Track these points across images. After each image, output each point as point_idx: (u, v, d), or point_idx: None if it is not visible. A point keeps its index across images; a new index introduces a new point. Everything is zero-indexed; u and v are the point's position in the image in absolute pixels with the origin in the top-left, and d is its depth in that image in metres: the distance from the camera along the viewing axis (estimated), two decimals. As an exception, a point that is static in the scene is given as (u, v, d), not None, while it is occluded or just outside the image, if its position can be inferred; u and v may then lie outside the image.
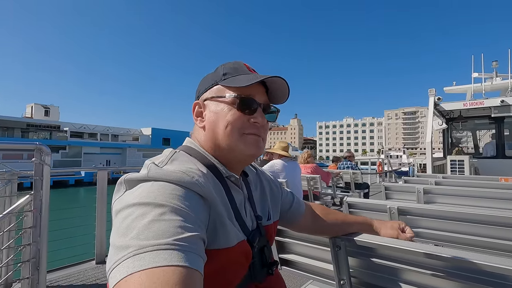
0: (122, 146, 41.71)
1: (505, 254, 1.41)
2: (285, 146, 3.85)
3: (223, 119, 0.67)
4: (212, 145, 0.70)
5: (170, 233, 0.45)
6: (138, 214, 0.48)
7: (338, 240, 0.98)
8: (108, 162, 37.79)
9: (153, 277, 0.39)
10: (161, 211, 0.48)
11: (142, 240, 0.43)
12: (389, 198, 2.87)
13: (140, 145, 43.94)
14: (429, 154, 5.88)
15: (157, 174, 0.56)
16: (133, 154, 41.17)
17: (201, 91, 0.73)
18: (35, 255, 2.03)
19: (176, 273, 0.40)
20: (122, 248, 0.44)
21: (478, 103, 6.12)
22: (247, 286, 0.68)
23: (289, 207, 0.93)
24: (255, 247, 0.69)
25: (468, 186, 2.98)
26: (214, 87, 0.71)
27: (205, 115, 0.71)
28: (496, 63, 7.89)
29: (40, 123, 38.24)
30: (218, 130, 0.68)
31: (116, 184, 0.60)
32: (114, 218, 0.53)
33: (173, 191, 0.52)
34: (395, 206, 1.65)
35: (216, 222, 0.58)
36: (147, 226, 0.45)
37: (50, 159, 2.07)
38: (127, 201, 0.52)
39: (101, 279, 2.70)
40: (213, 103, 0.70)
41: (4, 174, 2.39)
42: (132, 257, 0.42)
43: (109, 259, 0.45)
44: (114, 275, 0.41)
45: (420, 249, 0.81)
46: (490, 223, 1.46)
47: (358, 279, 1.02)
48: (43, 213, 2.05)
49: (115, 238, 0.47)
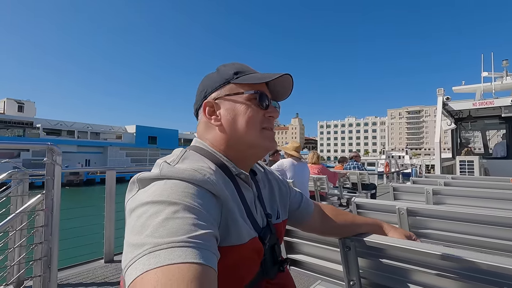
0: (102, 144, 38.75)
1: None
2: (297, 147, 3.86)
3: (243, 115, 0.69)
4: (227, 143, 0.70)
5: (184, 230, 0.46)
6: (152, 212, 0.49)
7: (348, 240, 0.98)
8: (87, 162, 35.82)
9: (168, 274, 0.40)
10: (175, 209, 0.49)
11: (157, 238, 0.44)
12: (397, 199, 2.85)
13: (123, 144, 40.85)
14: (438, 154, 5.81)
15: (170, 172, 0.57)
16: (115, 153, 38.67)
17: (208, 91, 0.73)
18: (47, 254, 2.07)
19: (191, 270, 0.41)
20: (137, 246, 0.44)
21: (487, 103, 6.03)
22: (260, 282, 0.69)
23: (298, 206, 0.93)
24: (266, 244, 0.70)
25: (478, 187, 2.94)
26: (226, 86, 0.72)
27: (219, 113, 0.71)
28: (506, 62, 7.76)
29: (11, 119, 34.76)
30: (238, 127, 0.69)
31: (129, 183, 0.61)
32: (128, 217, 0.54)
33: (185, 189, 0.53)
34: (404, 207, 1.64)
35: (228, 219, 0.59)
36: (161, 224, 0.46)
37: (61, 159, 2.11)
38: (141, 199, 0.53)
39: (109, 278, 2.74)
40: (228, 101, 0.71)
41: (16, 174, 2.44)
42: (148, 254, 0.42)
43: (125, 257, 0.45)
44: (130, 273, 0.42)
45: (430, 250, 0.81)
46: (500, 225, 1.44)
47: (368, 280, 1.01)
48: (55, 212, 2.09)
49: (130, 236, 0.48)
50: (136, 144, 41.55)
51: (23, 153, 29.45)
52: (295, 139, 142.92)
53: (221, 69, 0.75)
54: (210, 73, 0.77)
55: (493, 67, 7.59)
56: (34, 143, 1.89)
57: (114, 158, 38.04)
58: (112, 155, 38.13)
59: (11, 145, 3.48)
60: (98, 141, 39.27)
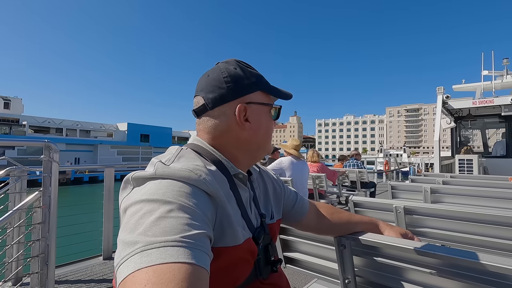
0: (92, 142, 37.12)
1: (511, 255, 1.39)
2: (297, 145, 3.84)
3: (265, 124, 0.75)
4: (244, 146, 0.72)
5: (178, 230, 0.45)
6: (146, 211, 0.48)
7: (343, 239, 0.98)
8: (77, 160, 34.75)
9: (160, 273, 0.39)
10: (169, 208, 0.48)
11: (150, 237, 0.44)
12: (395, 197, 2.85)
13: (114, 142, 39.28)
14: (437, 153, 5.80)
15: (164, 172, 0.56)
16: (105, 151, 37.19)
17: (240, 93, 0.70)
18: (44, 251, 2.07)
19: (183, 270, 0.41)
20: (130, 244, 0.44)
21: (487, 102, 6.01)
22: (253, 282, 0.69)
23: (292, 206, 0.93)
24: (260, 245, 0.70)
25: (476, 185, 2.94)
26: (257, 93, 0.73)
27: (248, 118, 0.71)
28: (507, 61, 7.74)
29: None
30: (261, 134, 0.74)
31: (122, 182, 0.61)
32: (122, 215, 0.54)
33: (180, 188, 0.53)
34: (402, 205, 1.64)
35: (223, 220, 0.59)
36: (154, 223, 0.46)
37: (58, 156, 2.10)
38: (135, 197, 0.53)
39: (108, 275, 2.74)
40: (256, 108, 0.73)
41: (14, 171, 2.44)
42: (140, 253, 0.42)
43: (117, 255, 0.45)
44: (122, 270, 0.42)
45: (424, 248, 0.81)
46: (498, 224, 1.43)
47: (363, 278, 1.01)
48: (52, 209, 2.09)
49: (123, 233, 0.47)
50: (127, 142, 40.20)
51: (7, 151, 28.29)
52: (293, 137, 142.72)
53: (246, 70, 0.72)
54: (232, 69, 0.71)
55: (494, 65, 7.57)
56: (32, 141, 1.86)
57: (105, 157, 36.80)
58: (103, 154, 36.87)
59: (8, 142, 3.41)
60: (88, 139, 38.07)
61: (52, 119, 37.51)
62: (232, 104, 0.69)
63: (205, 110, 0.70)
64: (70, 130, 38.33)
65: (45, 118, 37.05)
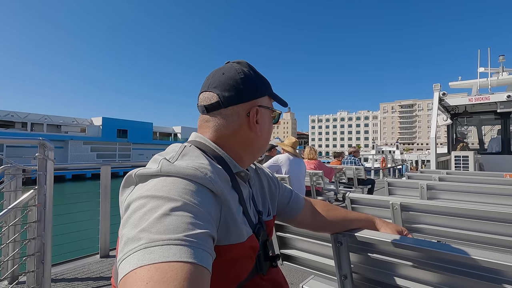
0: (61, 138, 33.36)
1: (507, 251, 1.40)
2: (294, 142, 3.88)
3: (268, 127, 0.79)
4: (249, 146, 0.74)
5: (181, 228, 0.45)
6: (150, 207, 0.48)
7: (340, 236, 0.98)
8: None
9: (162, 272, 0.40)
10: (173, 205, 0.48)
11: (154, 234, 0.44)
12: (392, 194, 2.87)
13: (87, 137, 36.25)
14: (433, 149, 5.83)
15: (170, 169, 0.56)
16: (77, 147, 34.19)
17: (255, 95, 0.73)
18: (40, 249, 2.06)
19: (185, 269, 0.41)
20: (133, 240, 0.44)
21: (483, 98, 6.04)
22: (254, 277, 0.71)
23: (287, 203, 0.94)
24: (260, 241, 0.71)
25: (472, 182, 2.96)
26: (266, 97, 0.78)
27: (257, 119, 0.74)
28: (503, 58, 7.77)
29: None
30: (265, 137, 0.78)
31: (124, 179, 0.60)
32: (125, 210, 0.53)
33: (186, 186, 0.53)
34: (398, 202, 1.64)
35: (227, 218, 0.59)
36: (159, 220, 0.46)
37: (53, 154, 2.09)
38: (140, 192, 0.52)
39: (105, 273, 2.74)
40: (265, 112, 0.77)
41: (9, 169, 2.42)
42: (143, 249, 0.42)
43: (120, 249, 0.45)
44: (124, 266, 0.42)
45: (419, 245, 0.81)
46: (493, 219, 1.45)
47: (359, 275, 1.02)
48: (47, 208, 2.07)
49: (126, 228, 0.47)
50: (102, 138, 37.08)
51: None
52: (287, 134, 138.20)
53: (258, 74, 0.77)
54: (247, 71, 0.74)
55: (490, 62, 7.60)
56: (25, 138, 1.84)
57: (77, 154, 33.99)
58: (74, 150, 33.86)
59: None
60: (55, 134, 34.17)
61: (16, 113, 34.58)
62: (246, 105, 0.72)
63: (218, 107, 0.70)
64: (36, 125, 35.25)
65: (8, 111, 34.08)
